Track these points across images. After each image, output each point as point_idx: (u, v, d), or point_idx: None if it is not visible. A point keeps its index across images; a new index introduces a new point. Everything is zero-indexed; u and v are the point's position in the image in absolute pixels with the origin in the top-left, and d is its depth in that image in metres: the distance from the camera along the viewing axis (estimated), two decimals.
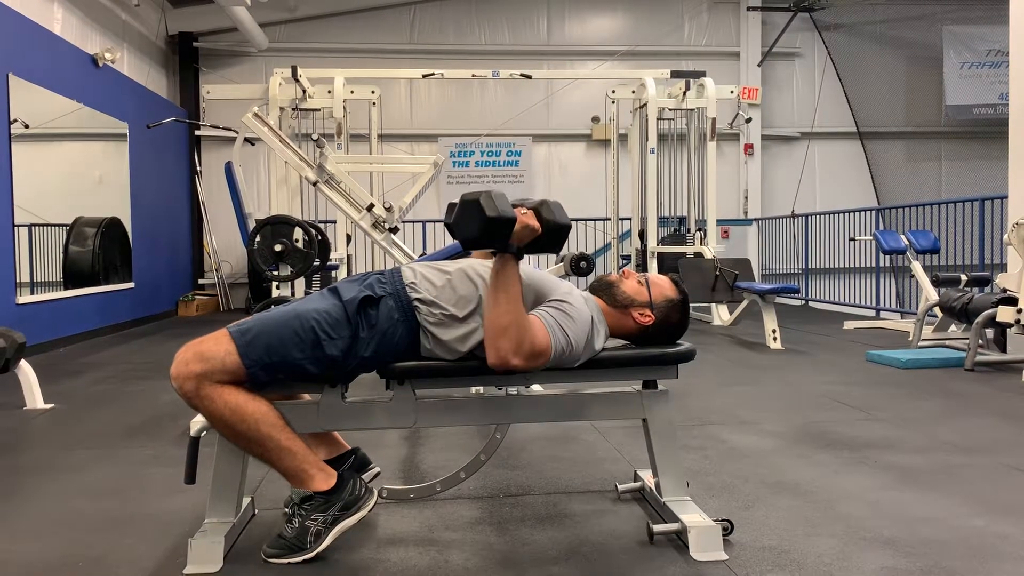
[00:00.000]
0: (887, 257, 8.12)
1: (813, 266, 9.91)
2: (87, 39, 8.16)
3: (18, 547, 2.19)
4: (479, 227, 1.88)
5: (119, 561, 2.07)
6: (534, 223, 1.97)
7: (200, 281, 10.78)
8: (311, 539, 2.02)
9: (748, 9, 11.57)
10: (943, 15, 11.64)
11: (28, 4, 6.89)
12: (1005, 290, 4.98)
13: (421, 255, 5.17)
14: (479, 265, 2.16)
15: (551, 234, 2.00)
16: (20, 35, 6.37)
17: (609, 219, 9.76)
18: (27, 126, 6.34)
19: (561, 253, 2.77)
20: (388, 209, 4.96)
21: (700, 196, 8.82)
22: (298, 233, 4.87)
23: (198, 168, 10.52)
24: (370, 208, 4.95)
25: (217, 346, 1.97)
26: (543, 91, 11.31)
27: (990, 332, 5.27)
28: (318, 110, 8.10)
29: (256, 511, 2.39)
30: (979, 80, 11.64)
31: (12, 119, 6.10)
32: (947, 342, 5.74)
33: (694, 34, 11.74)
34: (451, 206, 1.99)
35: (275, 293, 5.83)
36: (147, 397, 4.40)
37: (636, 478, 2.56)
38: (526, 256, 2.04)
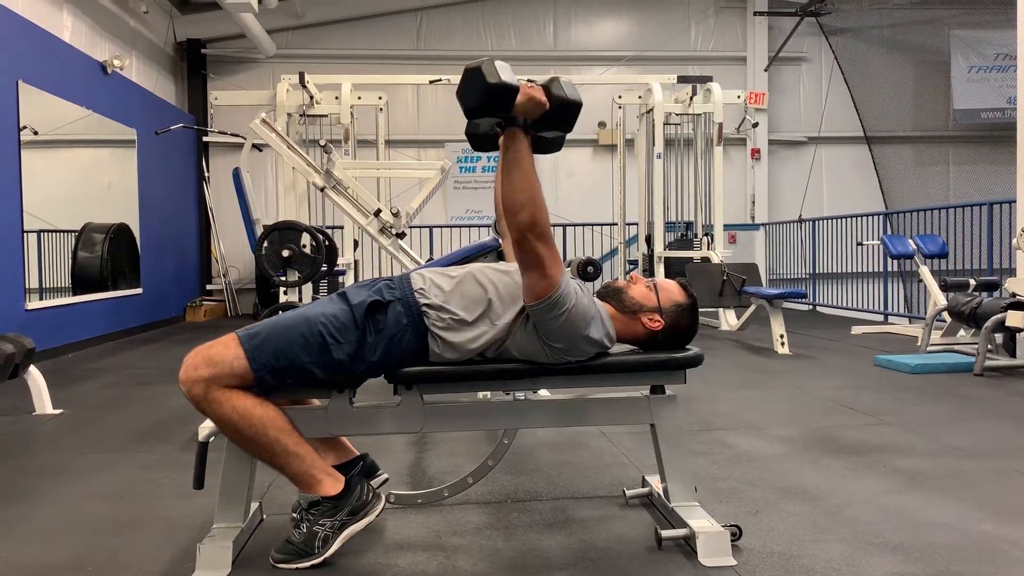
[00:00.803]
0: (895, 262, 8.11)
1: (821, 271, 9.88)
2: (96, 46, 8.21)
3: (28, 550, 2.20)
4: (480, 94, 1.86)
5: (128, 565, 2.08)
6: (540, 96, 1.94)
7: (208, 287, 10.80)
8: (319, 544, 2.03)
9: (755, 14, 11.55)
10: (950, 19, 11.61)
11: (38, 12, 6.94)
12: (1014, 294, 4.96)
13: (428, 260, 5.18)
14: (487, 268, 2.16)
15: (560, 110, 1.96)
16: (30, 42, 6.41)
17: (616, 224, 9.76)
18: (36, 133, 6.38)
19: (568, 258, 2.77)
20: (395, 214, 4.98)
21: (707, 201, 8.81)
22: (306, 239, 4.89)
23: (206, 174, 10.55)
24: (377, 213, 4.96)
25: (226, 350, 1.98)
26: None
27: (999, 337, 5.25)
28: (325, 116, 8.13)
29: (264, 516, 2.39)
30: (987, 84, 11.61)
31: (22, 126, 6.14)
32: (956, 347, 5.72)
33: (701, 39, 11.74)
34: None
35: (283, 298, 5.86)
36: (155, 402, 4.41)
37: (644, 483, 2.56)
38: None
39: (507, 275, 2.15)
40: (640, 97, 8.86)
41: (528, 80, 1.99)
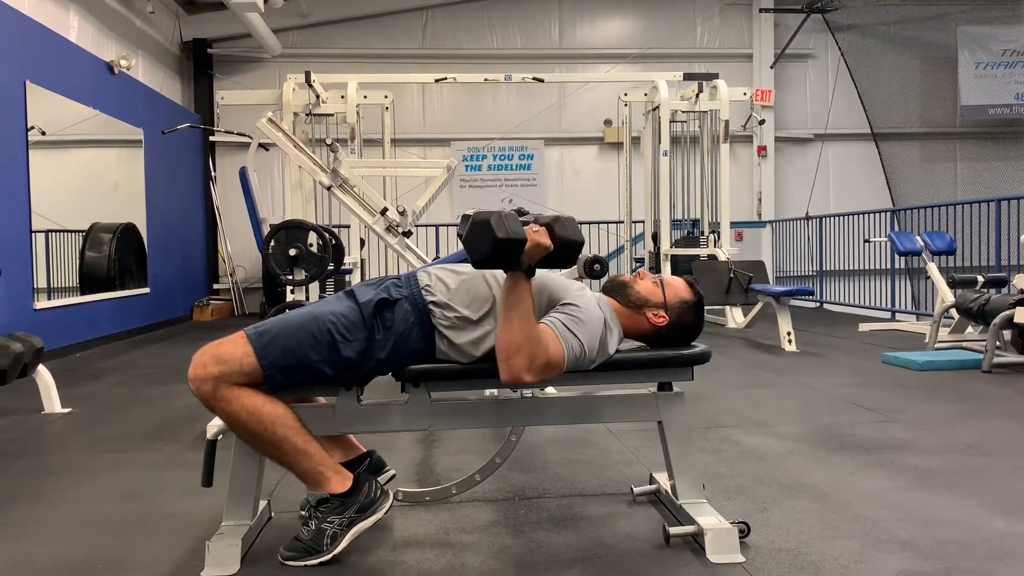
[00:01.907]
0: (902, 259, 8.08)
1: (827, 268, 9.85)
2: (103, 46, 8.23)
3: (39, 549, 2.21)
4: (489, 248, 1.87)
5: (137, 563, 2.09)
6: (546, 241, 1.93)
7: (215, 286, 10.83)
8: (327, 541, 2.03)
9: (760, 11, 11.52)
10: (957, 15, 11.56)
11: (45, 12, 6.96)
12: (1022, 291, 4.94)
13: (434, 259, 5.18)
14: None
15: (564, 251, 1.98)
16: (37, 43, 6.43)
17: (622, 222, 9.75)
18: (44, 133, 6.40)
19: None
20: (401, 213, 4.98)
21: (713, 198, 8.79)
22: (312, 237, 4.89)
23: (212, 173, 10.58)
24: (384, 212, 4.96)
25: (235, 348, 1.98)
26: (555, 94, 11.32)
27: (1007, 334, 5.23)
28: (331, 115, 8.13)
29: (272, 514, 2.40)
30: (994, 80, 11.56)
31: (29, 126, 6.15)
32: (964, 344, 5.70)
33: (706, 36, 11.72)
34: (464, 217, 1.99)
35: (289, 297, 5.86)
36: (163, 401, 4.43)
37: (651, 481, 2.56)
38: None
39: None
40: (646, 95, 8.84)
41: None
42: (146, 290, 8.44)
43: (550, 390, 2.37)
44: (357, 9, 11.08)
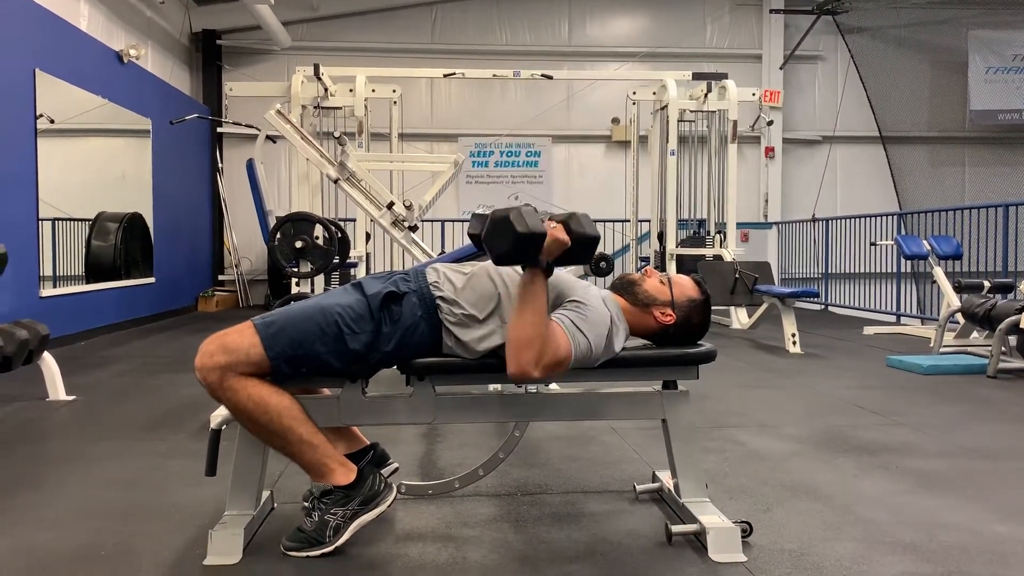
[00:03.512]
0: (908, 262, 8.07)
1: (833, 271, 9.84)
2: (112, 36, 8.24)
3: (42, 536, 2.21)
4: (510, 243, 1.88)
5: (140, 551, 2.09)
6: (563, 236, 1.95)
7: (220, 277, 10.85)
8: (330, 533, 2.03)
9: (771, 12, 11.50)
10: (969, 19, 11.52)
11: (55, 0, 6.97)
12: None
13: (440, 254, 5.18)
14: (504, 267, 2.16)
15: (580, 246, 1.98)
16: (47, 31, 6.45)
17: (628, 221, 9.75)
18: (53, 121, 6.41)
19: None
20: (408, 207, 4.98)
21: (720, 199, 8.78)
22: (319, 230, 4.89)
23: (220, 165, 10.59)
24: (390, 206, 4.96)
25: (241, 338, 1.98)
26: (563, 92, 11.30)
27: (1013, 339, 5.22)
28: (340, 108, 8.13)
29: (276, 504, 2.40)
30: (1005, 85, 11.53)
31: (38, 114, 6.17)
32: (969, 349, 5.69)
33: (716, 36, 11.69)
34: (475, 216, 1.99)
35: (294, 289, 5.87)
36: (168, 390, 4.44)
37: (655, 479, 2.55)
38: None
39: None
40: (654, 94, 8.83)
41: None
42: (151, 280, 8.46)
43: (554, 386, 2.37)
44: (366, 3, 11.08)
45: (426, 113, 11.28)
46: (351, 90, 7.90)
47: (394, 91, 8.39)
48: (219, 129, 9.98)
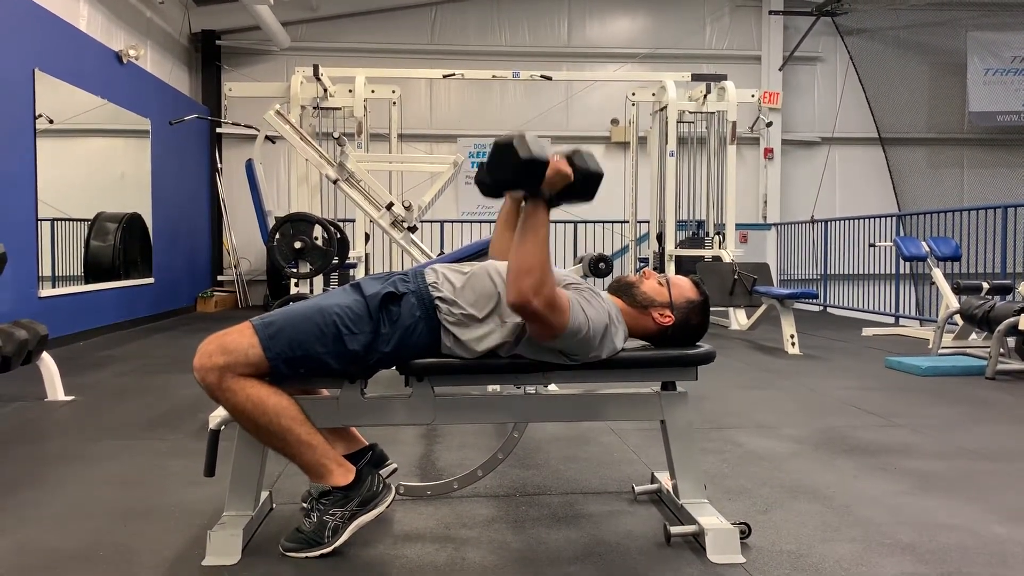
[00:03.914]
0: (907, 264, 8.07)
1: (832, 272, 9.83)
2: (112, 36, 8.24)
3: (41, 536, 2.21)
4: (512, 169, 1.87)
5: (139, 551, 2.09)
6: (566, 168, 1.94)
7: (219, 277, 10.85)
8: (328, 534, 2.03)
9: (770, 13, 11.51)
10: (968, 21, 11.53)
11: (54, 0, 6.96)
12: None
13: (439, 255, 5.18)
14: (501, 265, 2.16)
15: (583, 182, 1.98)
16: (46, 31, 6.44)
17: (627, 222, 9.75)
18: (52, 121, 6.41)
19: (580, 254, 2.77)
20: (407, 208, 4.98)
21: (719, 200, 8.78)
22: (318, 231, 4.89)
23: (219, 165, 10.58)
24: (390, 207, 4.97)
25: (240, 338, 1.98)
26: (563, 93, 11.31)
27: (1011, 341, 5.22)
28: (339, 109, 8.13)
29: (274, 505, 2.40)
30: (1003, 87, 11.53)
31: (37, 114, 6.16)
32: (967, 350, 5.69)
33: (715, 37, 11.70)
34: (481, 165, 1.99)
35: (293, 290, 5.87)
36: (166, 391, 4.44)
37: (653, 480, 2.55)
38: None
39: None
40: (654, 95, 8.84)
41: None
42: (150, 280, 8.45)
43: (553, 387, 2.37)
44: (366, 3, 11.08)
45: (425, 114, 11.28)
46: (350, 91, 7.90)
47: (393, 92, 8.39)
48: (218, 129, 9.97)
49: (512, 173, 1.88)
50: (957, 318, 5.78)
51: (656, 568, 1.98)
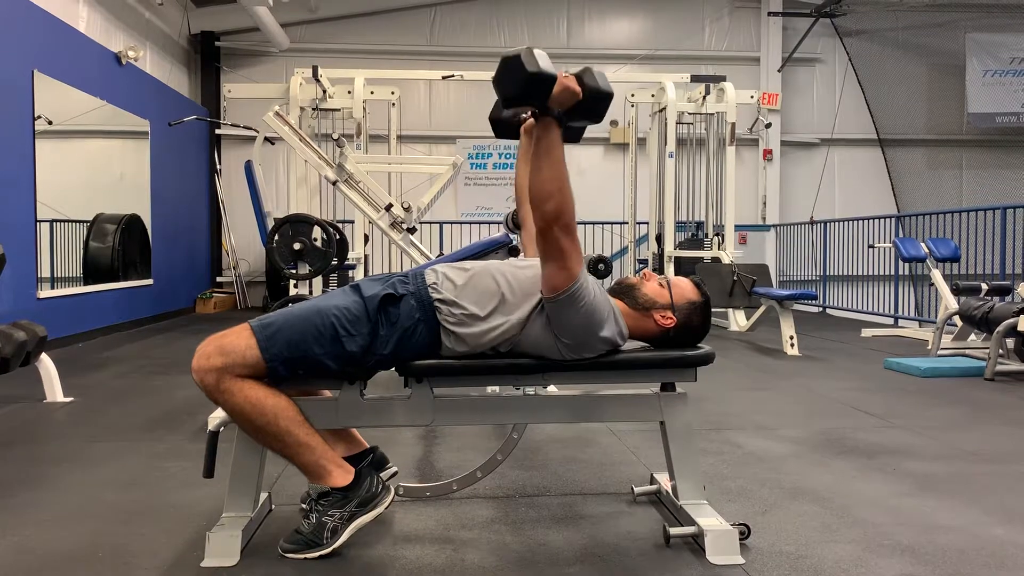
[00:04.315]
0: (906, 265, 8.07)
1: (831, 273, 9.84)
2: (111, 37, 8.24)
3: (40, 537, 2.21)
4: (519, 83, 1.86)
5: (138, 552, 2.09)
6: (575, 86, 1.93)
7: (218, 279, 10.85)
8: (328, 535, 2.03)
9: (769, 14, 11.51)
10: (967, 22, 11.53)
11: (53, 2, 6.96)
12: None
13: (439, 256, 5.18)
14: (504, 264, 2.16)
15: (592, 100, 1.96)
16: (46, 32, 6.44)
17: (626, 223, 9.75)
18: (51, 123, 6.40)
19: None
20: (406, 209, 4.98)
21: (718, 201, 8.79)
22: (317, 232, 4.89)
23: (218, 166, 10.58)
24: (389, 208, 4.97)
25: (238, 340, 1.98)
26: None
27: (1011, 342, 5.22)
28: (338, 110, 8.14)
29: (273, 506, 2.40)
30: (1002, 88, 11.54)
31: (36, 115, 6.16)
32: (967, 351, 5.70)
33: (715, 39, 11.70)
34: (497, 104, 2.00)
35: (292, 291, 5.87)
36: (165, 392, 4.43)
37: (652, 481, 2.55)
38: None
39: (522, 270, 2.15)
40: (653, 96, 8.84)
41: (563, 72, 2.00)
42: (149, 281, 8.45)
43: (552, 388, 2.37)
44: (365, 5, 11.08)
45: (424, 115, 11.28)
46: (349, 92, 7.91)
47: (392, 93, 8.40)
48: (217, 131, 9.95)
49: (520, 87, 1.87)
50: (956, 319, 5.79)
51: (655, 569, 1.98)
